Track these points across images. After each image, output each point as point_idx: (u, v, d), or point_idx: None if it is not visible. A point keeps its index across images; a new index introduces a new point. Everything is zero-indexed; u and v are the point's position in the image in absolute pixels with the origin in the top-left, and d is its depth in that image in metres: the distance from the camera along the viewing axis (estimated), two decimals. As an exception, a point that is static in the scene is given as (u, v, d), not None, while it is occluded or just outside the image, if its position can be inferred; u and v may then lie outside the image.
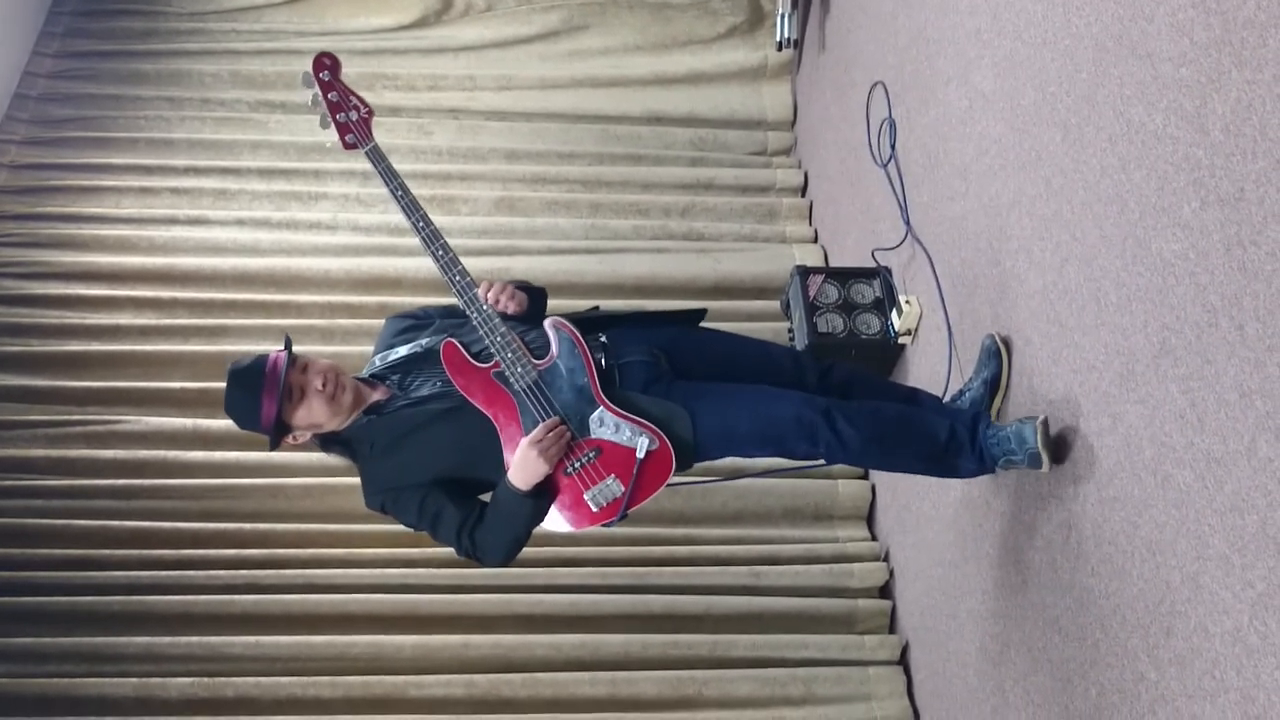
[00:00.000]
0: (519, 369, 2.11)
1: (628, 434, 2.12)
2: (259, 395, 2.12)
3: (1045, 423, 2.23)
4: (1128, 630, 2.03)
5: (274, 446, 2.21)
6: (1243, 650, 1.71)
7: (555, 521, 2.17)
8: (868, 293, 3.30)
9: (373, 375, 2.29)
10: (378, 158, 2.21)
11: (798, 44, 4.39)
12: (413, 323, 2.38)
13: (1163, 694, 1.93)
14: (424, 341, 2.28)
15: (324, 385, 2.14)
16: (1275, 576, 1.64)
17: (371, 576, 3.30)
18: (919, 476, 2.90)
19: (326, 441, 2.25)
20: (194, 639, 3.17)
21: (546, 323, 2.19)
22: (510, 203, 4.22)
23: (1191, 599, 1.84)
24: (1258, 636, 1.68)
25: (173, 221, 4.11)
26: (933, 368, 2.99)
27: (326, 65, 2.25)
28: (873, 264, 3.37)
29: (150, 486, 3.46)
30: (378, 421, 2.21)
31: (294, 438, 2.21)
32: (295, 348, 2.22)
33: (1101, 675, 2.13)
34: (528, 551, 2.26)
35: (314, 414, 2.16)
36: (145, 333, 3.82)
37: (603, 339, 2.24)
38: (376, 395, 2.24)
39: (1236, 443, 1.73)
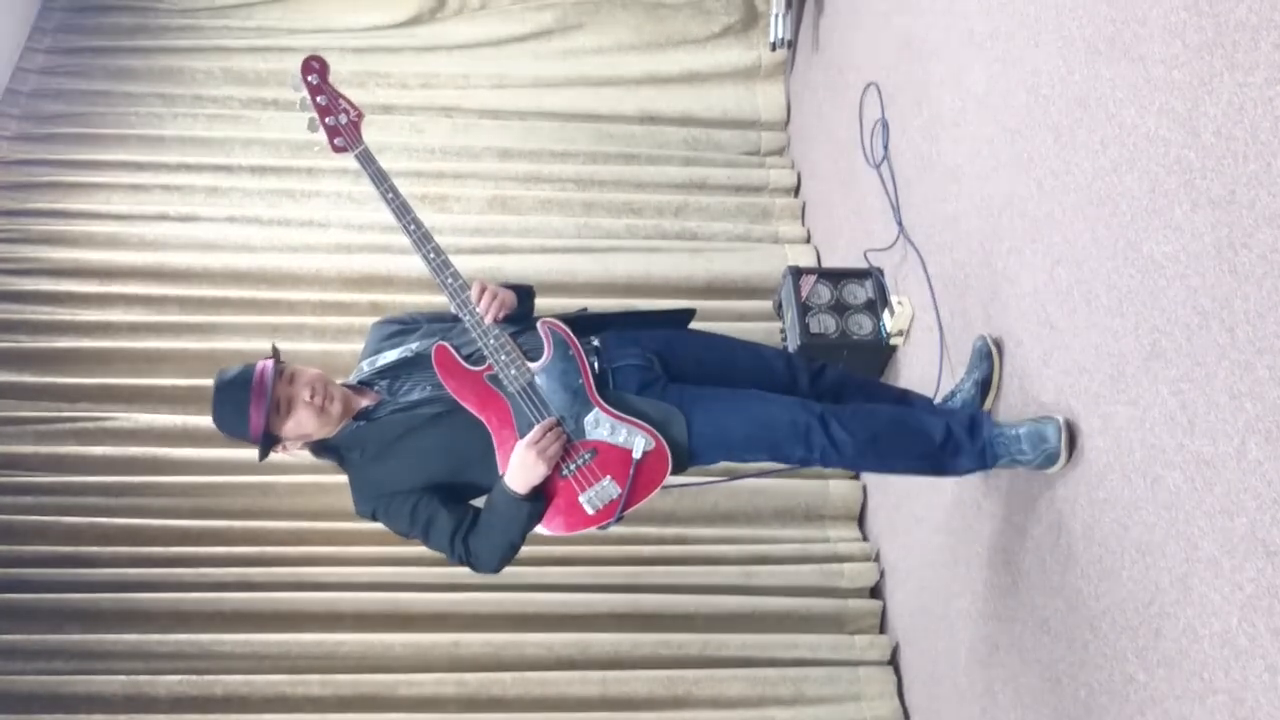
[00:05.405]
0: (512, 371, 2.09)
1: (623, 435, 2.10)
2: (246, 408, 2.08)
3: (1069, 424, 2.22)
4: (1117, 632, 2.04)
5: (263, 457, 2.17)
6: (1231, 652, 1.72)
7: (551, 524, 2.13)
8: (860, 293, 3.30)
9: (361, 381, 2.27)
10: (367, 161, 2.18)
11: (791, 44, 4.39)
12: (399, 327, 2.35)
13: (1152, 695, 1.93)
14: (414, 346, 2.25)
15: (312, 396, 2.11)
16: (1264, 579, 1.65)
17: (362, 574, 3.30)
18: (911, 477, 2.89)
19: (317, 448, 2.22)
20: (183, 636, 3.17)
21: (539, 324, 2.16)
22: (503, 201, 4.22)
23: (1181, 601, 1.85)
24: (1246, 638, 1.69)
25: (164, 218, 4.10)
26: (924, 369, 2.99)
27: (315, 69, 2.22)
28: (865, 265, 3.38)
29: (140, 483, 3.45)
30: (367, 427, 2.18)
31: (283, 448, 2.18)
32: (285, 345, 2.19)
33: (1091, 676, 2.13)
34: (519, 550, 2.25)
35: (303, 425, 2.13)
36: (135, 329, 3.80)
37: (595, 342, 2.21)
38: (365, 401, 2.21)
39: (1226, 445, 1.73)
